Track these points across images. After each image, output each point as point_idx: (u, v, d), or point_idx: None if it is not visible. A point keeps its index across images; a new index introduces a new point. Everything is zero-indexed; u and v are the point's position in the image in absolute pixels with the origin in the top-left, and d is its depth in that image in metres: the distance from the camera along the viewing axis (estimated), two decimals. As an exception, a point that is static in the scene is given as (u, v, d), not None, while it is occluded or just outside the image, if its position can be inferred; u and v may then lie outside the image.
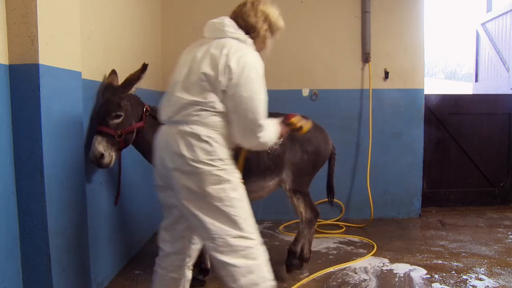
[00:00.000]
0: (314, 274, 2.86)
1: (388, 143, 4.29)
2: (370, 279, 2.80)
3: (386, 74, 4.24)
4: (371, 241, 3.54)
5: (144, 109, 2.61)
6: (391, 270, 2.94)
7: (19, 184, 1.88)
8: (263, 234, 3.80)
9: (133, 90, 2.58)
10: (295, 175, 2.75)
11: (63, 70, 2.01)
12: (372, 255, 3.21)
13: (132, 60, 3.14)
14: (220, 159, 1.70)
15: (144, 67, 2.59)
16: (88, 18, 2.43)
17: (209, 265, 2.76)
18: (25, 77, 1.83)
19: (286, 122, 2.03)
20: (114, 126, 2.43)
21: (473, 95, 5.80)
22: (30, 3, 1.81)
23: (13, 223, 1.86)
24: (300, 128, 2.07)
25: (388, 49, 4.26)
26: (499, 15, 5.54)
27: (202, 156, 1.66)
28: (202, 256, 2.73)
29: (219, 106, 1.70)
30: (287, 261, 2.86)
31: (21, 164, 1.87)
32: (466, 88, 14.21)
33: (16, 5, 1.82)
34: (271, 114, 2.90)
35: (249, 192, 2.78)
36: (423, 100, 4.31)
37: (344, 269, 2.96)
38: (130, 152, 2.96)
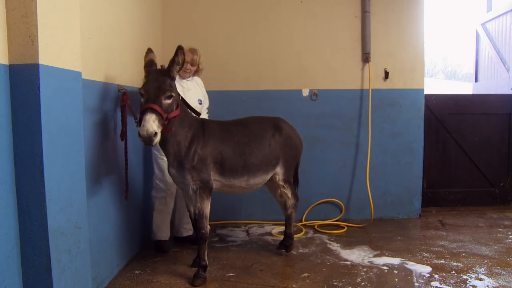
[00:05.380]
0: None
1: (388, 143, 4.29)
2: (370, 278, 2.80)
3: (386, 74, 4.25)
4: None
5: (180, 97, 2.60)
6: (391, 269, 2.94)
7: (19, 184, 1.88)
8: (262, 234, 3.83)
9: (174, 74, 2.56)
10: (285, 167, 3.14)
11: (63, 70, 2.01)
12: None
13: (132, 60, 3.15)
14: None
15: (178, 49, 2.51)
16: (88, 18, 2.43)
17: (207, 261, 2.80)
18: (25, 77, 1.83)
19: None
20: (165, 107, 2.43)
21: (473, 95, 5.80)
22: (30, 3, 1.81)
23: (13, 223, 1.86)
24: None
25: (388, 49, 4.26)
26: (499, 15, 5.54)
27: None
28: (202, 253, 2.75)
29: None
30: (285, 242, 3.23)
31: (21, 164, 1.87)
32: (466, 88, 14.22)
33: (16, 5, 1.81)
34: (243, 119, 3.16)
35: (255, 184, 3.02)
36: (423, 100, 4.31)
37: (344, 266, 2.97)
38: (130, 152, 2.96)
